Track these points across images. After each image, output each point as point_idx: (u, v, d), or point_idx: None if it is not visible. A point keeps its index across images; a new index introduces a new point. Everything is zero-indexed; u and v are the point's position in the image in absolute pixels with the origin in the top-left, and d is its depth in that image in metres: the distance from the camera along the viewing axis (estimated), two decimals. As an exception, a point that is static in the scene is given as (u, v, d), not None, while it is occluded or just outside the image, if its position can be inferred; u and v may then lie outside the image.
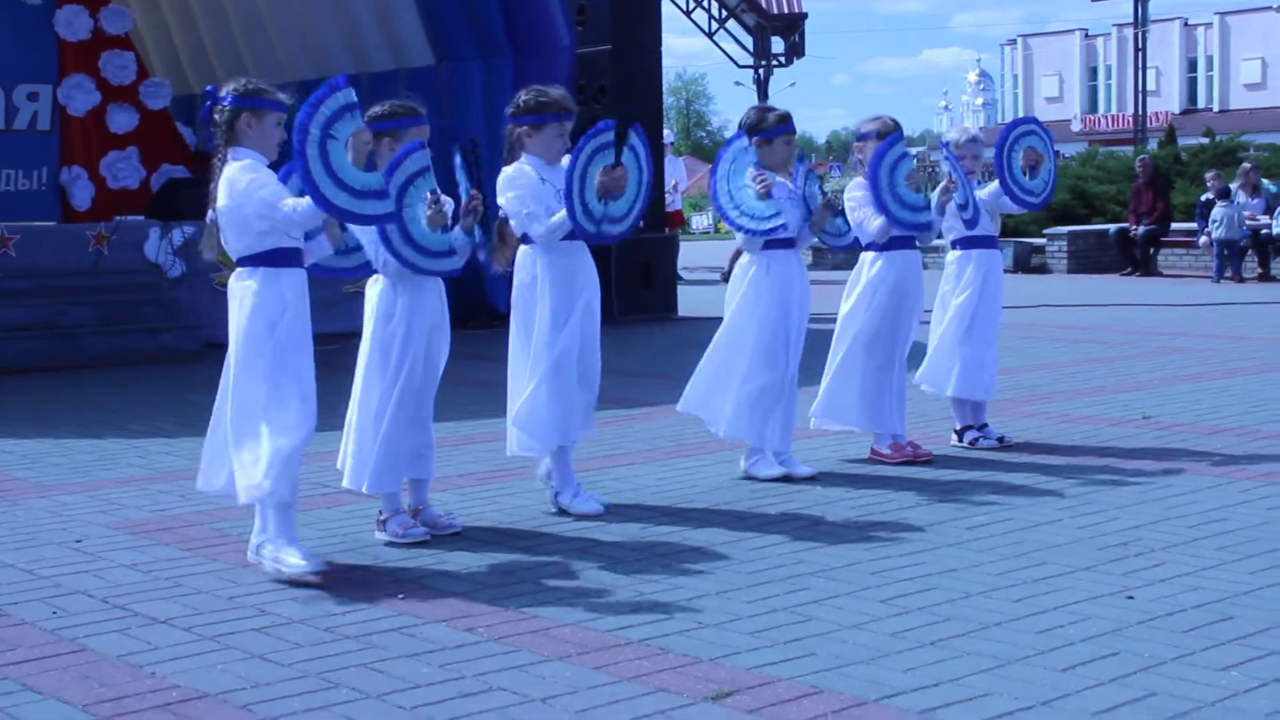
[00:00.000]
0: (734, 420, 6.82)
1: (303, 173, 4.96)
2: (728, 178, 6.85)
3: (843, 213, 7.18)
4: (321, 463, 7.17)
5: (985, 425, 7.66)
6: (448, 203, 5.57)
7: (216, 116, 5.23)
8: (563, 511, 6.14)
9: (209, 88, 5.34)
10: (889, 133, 7.14)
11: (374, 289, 5.74)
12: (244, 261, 5.25)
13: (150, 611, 4.77)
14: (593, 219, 5.99)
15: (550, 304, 6.05)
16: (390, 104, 5.74)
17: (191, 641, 4.44)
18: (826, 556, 5.36)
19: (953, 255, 7.75)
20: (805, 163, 7.19)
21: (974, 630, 4.42)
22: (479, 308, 13.73)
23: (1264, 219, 19.88)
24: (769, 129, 6.86)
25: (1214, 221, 19.81)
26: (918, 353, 7.61)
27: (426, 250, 5.56)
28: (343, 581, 5.11)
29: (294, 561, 5.07)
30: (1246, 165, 21.06)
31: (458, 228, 5.63)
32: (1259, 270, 19.95)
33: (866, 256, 7.27)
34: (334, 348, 6.72)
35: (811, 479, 6.75)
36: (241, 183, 5.13)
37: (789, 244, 6.85)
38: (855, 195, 7.23)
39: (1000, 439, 7.57)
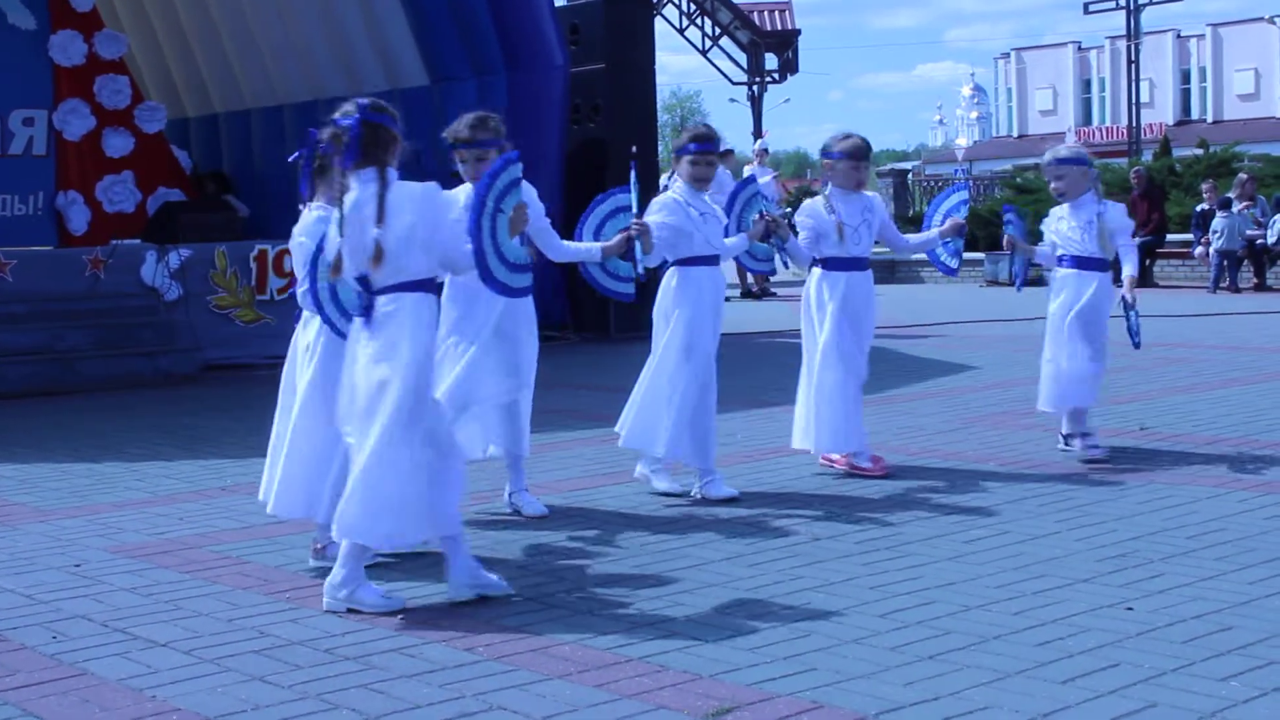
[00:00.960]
0: (674, 440, 6.70)
1: (476, 245, 5.05)
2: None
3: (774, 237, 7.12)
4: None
5: (1088, 433, 7.56)
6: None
7: (380, 135, 5.02)
8: (516, 512, 6.44)
9: (361, 100, 5.12)
10: (857, 150, 7.17)
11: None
12: (410, 286, 5.00)
13: (150, 635, 4.76)
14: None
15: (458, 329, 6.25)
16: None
17: (192, 664, 4.44)
18: (825, 571, 5.36)
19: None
20: (753, 185, 7.17)
21: (973, 643, 4.42)
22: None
23: (1256, 230, 19.92)
24: (677, 147, 6.90)
25: (1215, 232, 19.85)
26: (912, 366, 7.62)
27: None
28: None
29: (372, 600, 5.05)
30: (1243, 176, 21.09)
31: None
32: (1255, 280, 19.98)
33: (814, 275, 7.27)
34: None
35: (734, 500, 6.67)
36: (448, 208, 5.13)
37: (713, 260, 6.79)
38: (803, 221, 7.25)
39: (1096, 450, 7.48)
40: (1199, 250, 20.49)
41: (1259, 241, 19.83)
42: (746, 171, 22.08)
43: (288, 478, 5.55)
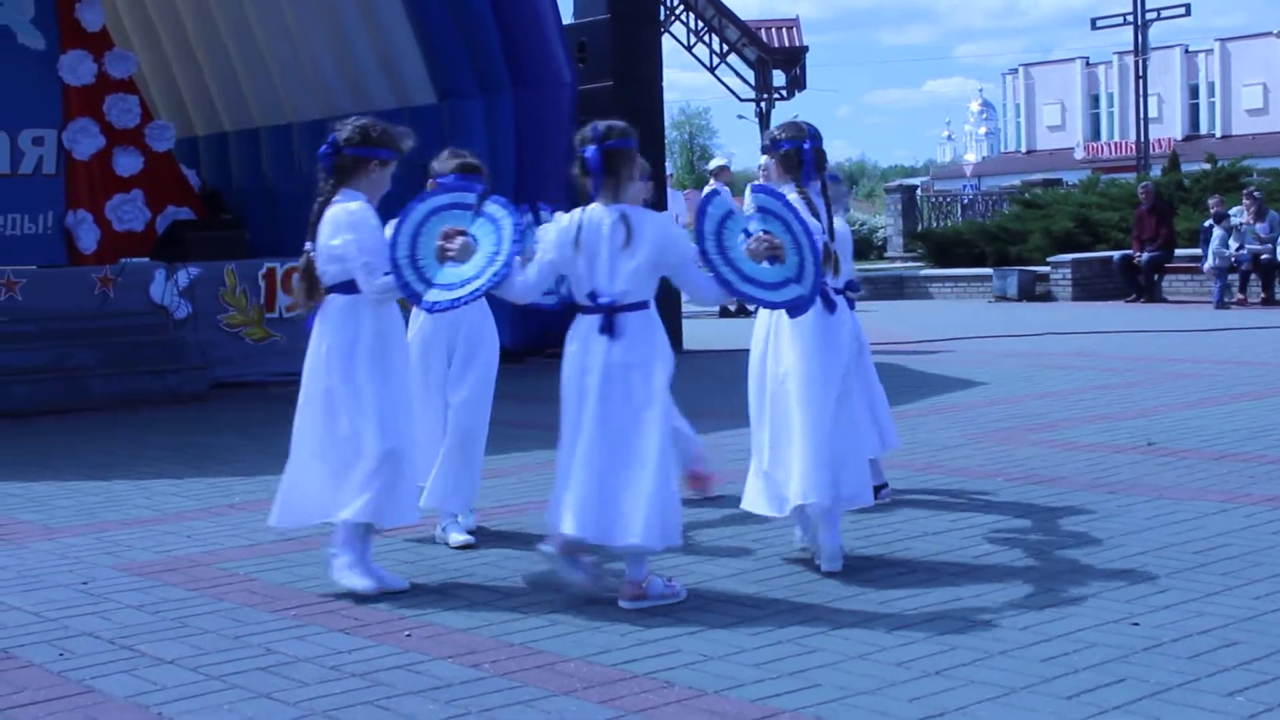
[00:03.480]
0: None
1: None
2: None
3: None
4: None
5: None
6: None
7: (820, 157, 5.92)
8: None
9: (810, 127, 5.95)
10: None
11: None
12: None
13: (157, 652, 4.78)
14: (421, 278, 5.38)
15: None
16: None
17: (198, 681, 4.45)
18: (831, 588, 5.36)
19: None
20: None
21: (979, 659, 4.42)
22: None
23: (1257, 246, 19.87)
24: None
25: (1215, 253, 19.85)
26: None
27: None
28: (348, 619, 5.12)
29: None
30: (1247, 190, 21.05)
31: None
32: (1263, 295, 19.95)
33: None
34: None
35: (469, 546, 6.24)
36: None
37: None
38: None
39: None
40: (1207, 265, 20.46)
41: (1264, 257, 19.79)
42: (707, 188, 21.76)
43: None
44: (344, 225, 5.48)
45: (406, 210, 5.41)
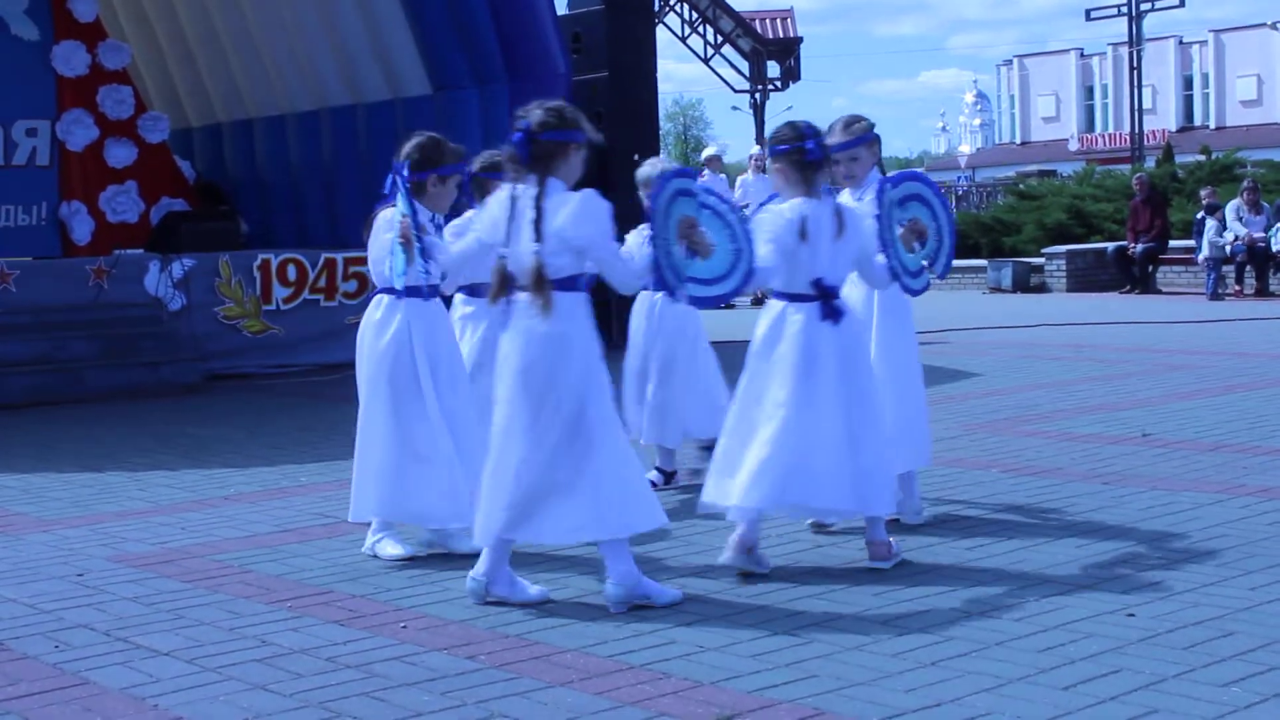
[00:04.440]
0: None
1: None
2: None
3: None
4: (321, 493, 7.20)
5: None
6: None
7: None
8: None
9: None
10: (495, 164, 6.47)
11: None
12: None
13: (152, 644, 4.77)
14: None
15: None
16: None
17: (194, 673, 4.45)
18: (827, 579, 5.36)
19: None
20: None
21: (975, 650, 4.42)
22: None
23: (1257, 235, 19.87)
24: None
25: (1209, 243, 19.86)
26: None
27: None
28: (344, 610, 5.12)
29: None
30: (1246, 183, 21.06)
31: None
32: (1256, 286, 19.96)
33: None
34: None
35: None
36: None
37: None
38: None
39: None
40: (1201, 257, 20.47)
41: (1258, 245, 19.80)
42: (739, 181, 21.87)
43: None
44: (586, 216, 5.03)
45: (653, 197, 5.13)
